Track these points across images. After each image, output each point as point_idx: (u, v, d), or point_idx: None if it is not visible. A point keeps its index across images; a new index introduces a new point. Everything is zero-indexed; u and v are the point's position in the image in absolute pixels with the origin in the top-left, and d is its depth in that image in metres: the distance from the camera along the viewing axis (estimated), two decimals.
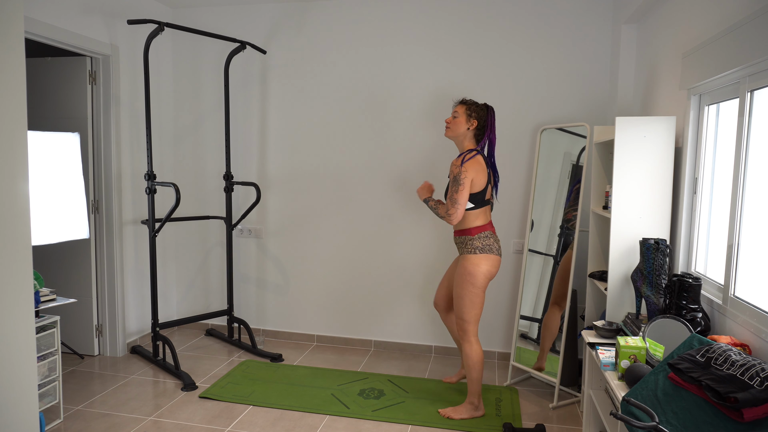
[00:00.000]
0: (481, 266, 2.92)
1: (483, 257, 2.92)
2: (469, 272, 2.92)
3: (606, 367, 2.15)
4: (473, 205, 2.92)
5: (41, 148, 2.94)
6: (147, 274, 4.21)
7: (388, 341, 4.19)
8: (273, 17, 4.15)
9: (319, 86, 4.13)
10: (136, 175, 4.04)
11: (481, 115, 2.97)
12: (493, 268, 2.96)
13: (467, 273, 2.92)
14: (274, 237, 4.33)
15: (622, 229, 2.62)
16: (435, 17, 3.89)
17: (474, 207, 2.93)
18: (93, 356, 3.92)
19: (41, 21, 3.17)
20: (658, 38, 2.96)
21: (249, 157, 4.31)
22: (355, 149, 4.10)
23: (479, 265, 2.92)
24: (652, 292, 2.35)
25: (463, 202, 2.86)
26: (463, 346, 3.01)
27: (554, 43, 3.74)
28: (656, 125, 2.56)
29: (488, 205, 3.02)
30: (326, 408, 3.14)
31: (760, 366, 1.54)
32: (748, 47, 1.90)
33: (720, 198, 2.37)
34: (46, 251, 3.83)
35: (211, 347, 4.18)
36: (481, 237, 2.94)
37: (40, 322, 2.81)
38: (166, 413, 3.07)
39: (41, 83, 3.79)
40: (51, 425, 2.89)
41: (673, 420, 1.61)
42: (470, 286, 2.93)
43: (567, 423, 3.03)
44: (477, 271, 2.91)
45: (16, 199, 1.82)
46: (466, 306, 2.95)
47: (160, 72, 4.25)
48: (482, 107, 2.99)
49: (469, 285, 2.93)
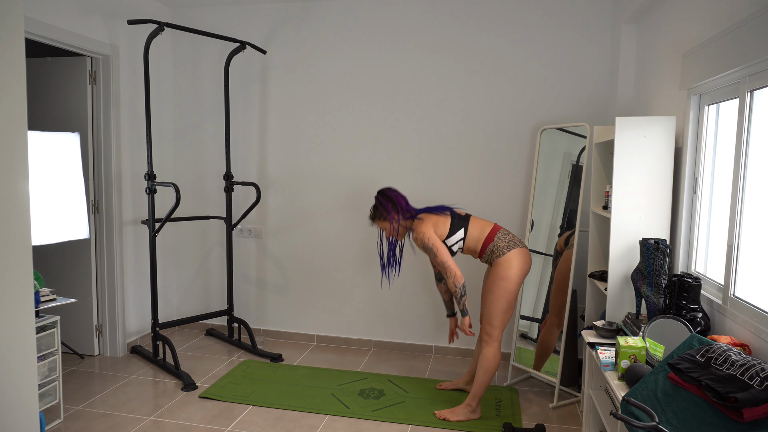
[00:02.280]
0: (512, 267, 2.90)
1: (513, 254, 2.91)
2: (500, 277, 2.91)
3: (606, 367, 2.15)
4: (461, 235, 2.97)
5: (41, 148, 2.94)
6: (147, 274, 4.21)
7: (388, 341, 4.19)
8: (273, 17, 4.15)
9: (319, 86, 4.13)
10: (136, 175, 4.04)
11: (386, 206, 3.02)
12: (525, 264, 2.95)
13: (499, 278, 2.92)
14: (274, 237, 4.33)
15: (622, 229, 2.62)
16: (435, 17, 3.89)
17: (463, 234, 2.97)
18: (93, 356, 3.92)
19: (41, 21, 3.18)
20: (658, 38, 2.96)
21: (249, 157, 4.31)
22: (355, 149, 4.10)
23: (511, 267, 2.90)
24: (652, 292, 2.35)
25: (449, 257, 2.93)
26: (484, 348, 2.97)
27: (554, 43, 3.74)
28: (656, 125, 2.56)
29: (469, 217, 3.03)
30: (326, 408, 3.14)
31: (760, 366, 1.55)
32: (747, 47, 1.90)
33: (720, 198, 2.37)
34: (46, 251, 3.83)
35: (211, 347, 4.18)
36: (500, 237, 2.96)
37: (40, 322, 2.82)
38: (166, 413, 3.07)
39: (41, 83, 3.79)
40: (51, 425, 2.89)
41: (673, 420, 1.61)
42: (502, 291, 2.91)
43: (567, 423, 3.03)
44: (509, 275, 2.90)
45: (16, 199, 1.82)
46: (496, 311, 2.93)
47: (160, 72, 4.25)
48: (378, 203, 3.03)
49: (501, 290, 2.91)
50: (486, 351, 2.96)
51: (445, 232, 2.97)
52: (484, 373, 2.97)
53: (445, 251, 2.94)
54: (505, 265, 2.91)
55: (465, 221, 3.01)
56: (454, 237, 2.98)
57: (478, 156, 3.91)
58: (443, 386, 3.44)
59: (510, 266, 2.91)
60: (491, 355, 2.96)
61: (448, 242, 2.99)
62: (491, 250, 2.97)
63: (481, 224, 3.02)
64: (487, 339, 2.96)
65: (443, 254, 2.93)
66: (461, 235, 2.98)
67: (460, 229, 2.99)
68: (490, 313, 2.94)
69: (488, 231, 3.00)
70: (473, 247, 3.02)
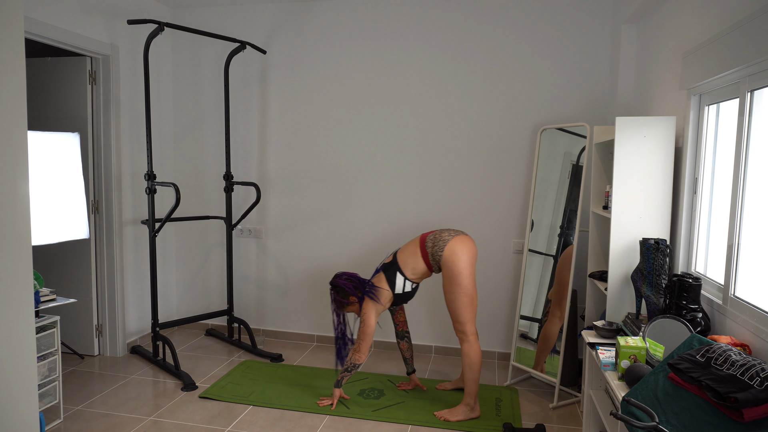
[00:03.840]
0: (457, 262, 2.95)
1: (449, 249, 2.97)
2: (450, 277, 2.98)
3: (606, 367, 2.15)
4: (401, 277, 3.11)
5: (41, 148, 2.94)
6: (147, 274, 4.21)
7: (387, 341, 4.19)
8: (273, 17, 4.15)
9: (319, 86, 4.13)
10: (136, 175, 4.04)
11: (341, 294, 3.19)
12: (467, 250, 2.99)
13: (449, 279, 2.98)
14: (274, 237, 4.33)
15: (622, 229, 2.62)
16: (435, 17, 3.89)
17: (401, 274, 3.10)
18: (93, 356, 3.92)
19: (41, 21, 3.17)
20: (658, 38, 2.96)
21: (249, 157, 4.31)
22: (355, 149, 4.10)
23: (455, 264, 2.95)
24: (652, 292, 2.35)
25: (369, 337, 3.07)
26: (463, 346, 3.01)
27: (554, 43, 3.74)
28: (656, 125, 2.56)
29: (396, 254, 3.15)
30: (326, 408, 3.14)
31: (760, 366, 1.54)
32: (747, 47, 1.90)
33: (720, 198, 2.37)
34: (46, 251, 3.83)
35: (211, 347, 4.18)
36: (429, 243, 3.05)
37: (40, 322, 2.81)
38: (166, 413, 3.07)
39: (41, 83, 3.79)
40: (51, 425, 2.89)
41: (673, 420, 1.61)
42: (458, 288, 2.97)
43: (567, 423, 3.03)
44: (456, 271, 2.95)
45: (16, 199, 1.82)
46: (460, 309, 2.98)
47: (160, 72, 4.25)
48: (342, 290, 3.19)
49: (456, 289, 2.97)
50: (465, 348, 3.01)
51: (389, 291, 3.11)
52: (469, 370, 3.00)
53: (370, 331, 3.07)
54: (449, 264, 2.97)
55: (395, 264, 3.12)
56: (398, 285, 3.11)
57: (478, 156, 3.91)
58: (443, 386, 3.44)
59: (453, 263, 2.96)
60: (472, 351, 2.99)
61: (398, 290, 3.11)
62: (432, 259, 3.05)
63: (410, 248, 3.13)
64: (462, 337, 3.01)
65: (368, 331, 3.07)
66: (401, 277, 3.10)
67: (395, 274, 3.11)
68: (455, 313, 3.00)
69: (419, 248, 3.09)
70: (420, 270, 3.11)
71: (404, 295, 3.15)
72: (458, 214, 3.97)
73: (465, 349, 3.00)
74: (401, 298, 3.17)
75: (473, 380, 3.01)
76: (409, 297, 3.19)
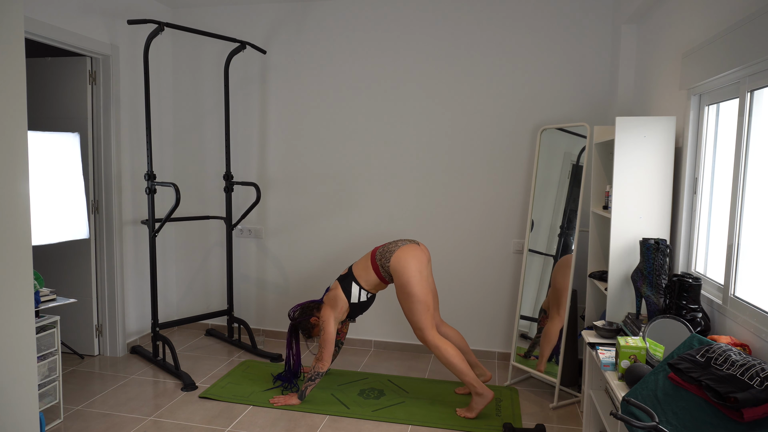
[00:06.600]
0: (404, 271, 3.05)
1: (396, 259, 3.08)
2: (400, 286, 3.08)
3: (606, 367, 2.15)
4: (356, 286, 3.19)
5: (41, 148, 2.94)
6: (147, 274, 4.21)
7: (388, 341, 4.19)
8: (273, 17, 4.15)
9: (319, 86, 4.13)
10: (136, 175, 4.04)
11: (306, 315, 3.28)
12: (413, 258, 3.09)
13: (399, 288, 3.09)
14: (274, 237, 4.33)
15: (622, 229, 2.62)
16: (435, 17, 3.89)
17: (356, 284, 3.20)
18: (93, 356, 3.92)
19: (41, 21, 3.18)
20: (658, 38, 2.96)
21: (249, 157, 4.31)
22: (355, 149, 4.10)
23: (402, 273, 3.06)
24: (652, 292, 2.35)
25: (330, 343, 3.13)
26: (432, 350, 3.08)
27: (554, 43, 3.74)
28: (656, 125, 2.56)
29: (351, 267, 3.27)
30: (326, 408, 3.14)
31: (760, 366, 1.55)
32: (747, 47, 1.90)
33: (720, 198, 2.37)
34: (46, 251, 3.83)
35: (211, 347, 4.18)
36: (379, 256, 3.16)
37: (40, 322, 2.82)
38: (166, 413, 3.07)
39: (41, 83, 3.79)
40: (51, 425, 2.89)
41: (673, 420, 1.61)
42: (408, 297, 3.06)
43: (567, 423, 3.03)
44: (404, 279, 3.06)
45: (16, 199, 1.82)
46: (415, 315, 3.07)
47: (160, 72, 4.25)
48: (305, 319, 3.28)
49: (407, 297, 3.07)
50: (434, 352, 3.08)
51: (345, 300, 3.19)
52: (449, 366, 3.05)
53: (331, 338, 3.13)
54: (397, 273, 3.09)
55: (350, 276, 3.24)
56: (353, 294, 3.20)
57: (478, 155, 3.91)
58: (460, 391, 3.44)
59: (401, 272, 3.07)
60: (441, 351, 3.04)
61: (353, 300, 3.20)
62: (383, 270, 3.16)
63: (362, 263, 3.24)
64: (427, 342, 3.08)
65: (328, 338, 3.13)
66: (356, 287, 3.20)
67: (350, 284, 3.20)
68: (411, 320, 3.10)
69: (370, 261, 3.21)
70: (372, 282, 3.21)
71: (360, 305, 3.24)
72: (458, 214, 3.97)
73: (435, 352, 3.07)
74: (357, 307, 3.25)
75: (458, 373, 3.04)
76: (365, 307, 3.28)
